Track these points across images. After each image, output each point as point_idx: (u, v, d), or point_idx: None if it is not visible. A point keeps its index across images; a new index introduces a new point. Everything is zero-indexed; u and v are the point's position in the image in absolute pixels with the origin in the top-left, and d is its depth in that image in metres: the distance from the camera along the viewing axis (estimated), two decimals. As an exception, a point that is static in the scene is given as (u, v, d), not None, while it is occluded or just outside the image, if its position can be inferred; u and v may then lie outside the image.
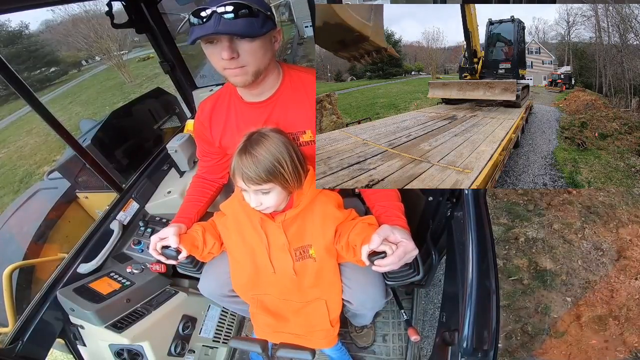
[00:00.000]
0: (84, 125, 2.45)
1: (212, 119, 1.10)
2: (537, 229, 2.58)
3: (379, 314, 1.69)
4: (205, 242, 1.04)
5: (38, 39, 26.17)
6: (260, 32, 0.85)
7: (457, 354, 0.71)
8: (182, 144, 1.62)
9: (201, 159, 1.23)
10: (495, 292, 0.75)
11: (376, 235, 0.81)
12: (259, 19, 0.84)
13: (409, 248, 0.83)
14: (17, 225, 2.18)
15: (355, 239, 0.89)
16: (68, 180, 2.34)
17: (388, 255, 0.81)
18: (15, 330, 1.12)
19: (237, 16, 0.81)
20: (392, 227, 0.86)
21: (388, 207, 0.99)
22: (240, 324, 1.80)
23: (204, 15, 0.82)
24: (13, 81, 1.10)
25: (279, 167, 0.85)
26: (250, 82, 0.92)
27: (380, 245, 0.80)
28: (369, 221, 0.93)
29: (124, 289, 1.25)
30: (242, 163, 0.85)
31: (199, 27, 0.83)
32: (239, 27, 0.82)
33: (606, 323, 1.98)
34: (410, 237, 0.87)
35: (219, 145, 1.12)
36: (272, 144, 0.86)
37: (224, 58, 0.85)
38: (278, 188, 0.88)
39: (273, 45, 0.94)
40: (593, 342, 1.92)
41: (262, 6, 0.86)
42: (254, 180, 0.85)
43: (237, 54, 0.86)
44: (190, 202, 1.19)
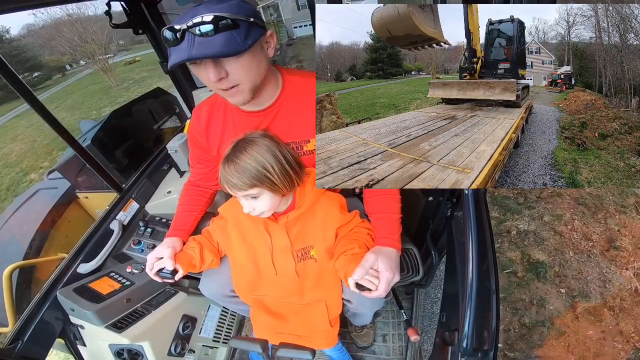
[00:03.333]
0: (84, 125, 2.45)
1: (209, 127, 1.04)
2: (528, 222, 2.63)
3: (379, 313, 1.69)
4: (203, 260, 1.03)
5: (20, 43, 25.87)
6: (245, 47, 0.73)
7: (457, 354, 0.71)
8: (182, 144, 1.62)
9: (194, 166, 1.16)
10: (495, 292, 0.75)
11: (360, 268, 0.82)
12: (240, 31, 0.73)
13: (389, 278, 0.82)
14: (17, 225, 2.18)
15: (340, 270, 0.90)
16: (68, 180, 2.35)
17: (372, 290, 0.82)
18: (15, 330, 1.12)
19: (214, 31, 0.70)
20: (377, 254, 0.85)
21: (383, 220, 0.96)
22: (240, 323, 1.80)
23: (177, 33, 0.72)
24: (13, 81, 1.10)
25: (264, 171, 0.83)
26: (249, 100, 0.85)
27: (364, 276, 0.81)
28: (352, 252, 0.92)
29: (124, 289, 1.25)
30: (226, 172, 0.84)
31: (175, 49, 0.74)
32: (217, 46, 0.71)
33: (601, 314, 2.00)
34: (393, 260, 0.87)
35: (216, 154, 1.07)
36: (257, 149, 0.84)
37: (212, 80, 0.76)
38: (267, 192, 0.87)
39: (266, 53, 0.84)
40: (590, 332, 1.93)
41: (242, 13, 0.74)
42: (238, 187, 0.84)
43: (225, 73, 0.77)
44: (185, 212, 1.14)
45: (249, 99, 0.85)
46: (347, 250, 0.92)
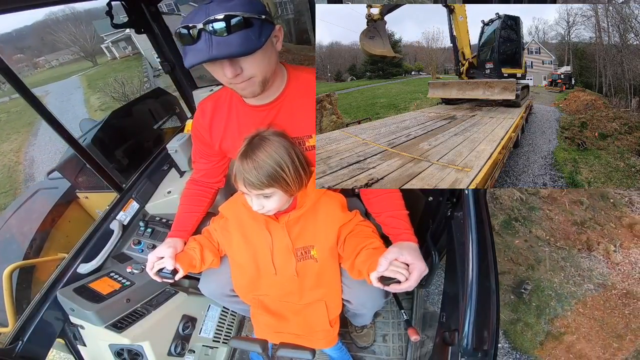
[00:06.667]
0: (84, 125, 2.45)
1: (213, 122, 1.06)
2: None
3: (379, 314, 1.69)
4: (203, 260, 1.04)
5: None
6: (260, 44, 0.76)
7: (457, 353, 0.71)
8: (182, 144, 1.62)
9: (197, 161, 1.18)
10: (496, 292, 0.75)
11: (383, 259, 0.81)
12: (254, 29, 0.75)
13: (422, 269, 0.83)
14: (17, 225, 2.18)
15: (360, 266, 0.89)
16: (68, 180, 2.35)
17: (402, 282, 0.81)
18: (15, 330, 1.12)
19: (229, 31, 0.72)
20: (400, 247, 0.85)
21: (395, 218, 0.96)
22: (240, 323, 1.80)
23: (193, 33, 0.74)
24: (12, 80, 1.10)
25: (281, 171, 0.84)
26: (259, 92, 0.87)
27: (389, 268, 0.80)
28: (373, 246, 0.92)
29: (124, 289, 1.25)
30: (244, 168, 0.84)
31: (191, 50, 0.75)
32: (235, 46, 0.73)
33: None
34: (419, 253, 0.87)
35: (218, 149, 1.09)
36: (273, 148, 0.85)
37: (228, 77, 0.79)
38: (280, 192, 0.88)
39: (275, 47, 0.86)
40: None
41: (254, 11, 0.76)
42: (255, 186, 0.84)
43: (240, 69, 0.80)
44: (186, 212, 1.14)
45: (260, 92, 0.87)
46: (367, 245, 0.92)
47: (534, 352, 2.27)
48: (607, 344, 2.30)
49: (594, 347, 2.29)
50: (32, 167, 8.93)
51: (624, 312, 2.47)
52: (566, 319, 2.43)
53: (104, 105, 12.30)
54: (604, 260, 2.83)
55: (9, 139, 12.13)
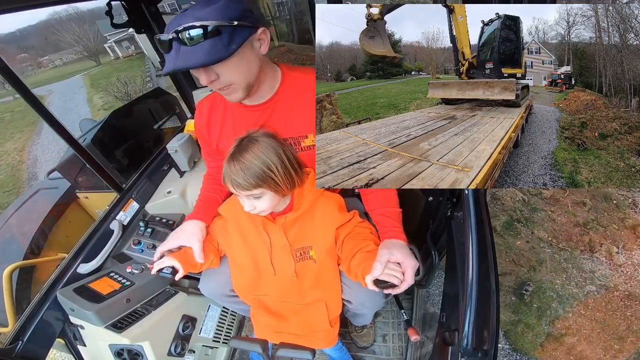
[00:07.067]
0: (84, 125, 2.45)
1: (210, 122, 1.07)
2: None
3: (379, 314, 1.69)
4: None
5: None
6: (228, 52, 0.74)
7: (457, 353, 0.71)
8: (182, 144, 1.62)
9: (207, 160, 1.22)
10: (496, 292, 0.75)
11: (378, 263, 0.82)
12: (223, 37, 0.73)
13: (412, 265, 0.84)
14: (17, 225, 2.18)
15: (356, 269, 0.90)
16: (68, 180, 2.35)
17: (397, 284, 0.82)
18: (15, 330, 1.12)
19: (193, 40, 0.71)
20: (389, 247, 0.86)
21: (385, 216, 0.97)
22: (240, 324, 1.80)
23: (165, 42, 0.74)
24: (12, 80, 1.10)
25: (269, 172, 0.84)
26: (243, 97, 0.87)
27: (384, 271, 0.81)
28: (367, 248, 0.93)
29: (124, 289, 1.25)
30: (231, 170, 0.85)
31: (167, 58, 0.76)
32: (200, 56, 0.72)
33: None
34: (407, 249, 0.88)
35: (216, 148, 1.10)
36: (261, 149, 0.85)
37: (203, 83, 0.79)
38: (270, 192, 0.88)
39: (258, 51, 0.84)
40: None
41: (227, 17, 0.73)
42: (243, 187, 0.85)
43: (215, 76, 0.79)
44: (207, 198, 1.15)
45: (243, 97, 0.87)
46: (362, 247, 0.93)
47: (535, 354, 2.26)
48: (609, 346, 2.29)
49: (595, 349, 2.28)
50: (35, 166, 9.01)
51: (625, 314, 2.46)
52: (567, 321, 2.43)
53: (107, 105, 12.38)
54: (606, 262, 2.82)
55: (12, 138, 12.26)
